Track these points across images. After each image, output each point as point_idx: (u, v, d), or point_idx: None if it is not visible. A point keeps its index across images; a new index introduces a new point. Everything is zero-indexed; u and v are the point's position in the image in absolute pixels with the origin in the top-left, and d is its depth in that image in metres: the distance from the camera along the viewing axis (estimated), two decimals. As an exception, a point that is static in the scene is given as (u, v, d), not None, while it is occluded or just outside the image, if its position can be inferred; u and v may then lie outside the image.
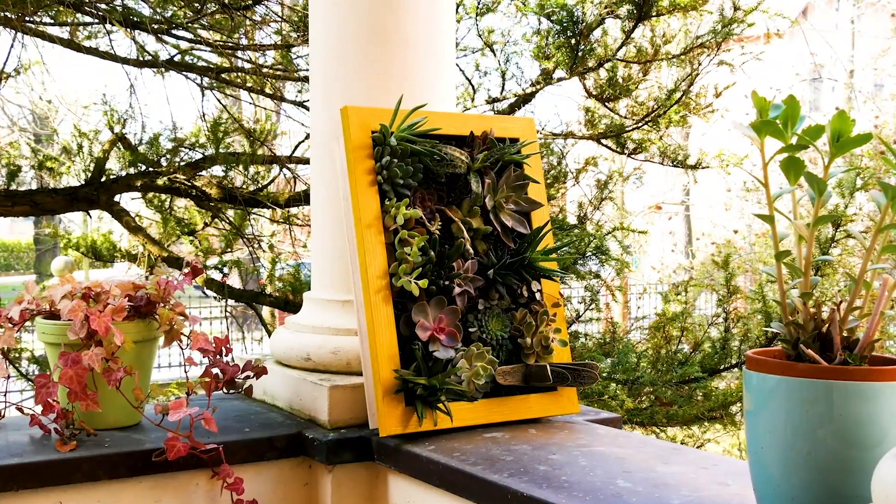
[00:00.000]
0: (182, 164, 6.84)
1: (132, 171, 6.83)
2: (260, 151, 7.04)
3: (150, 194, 7.11)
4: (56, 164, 7.24)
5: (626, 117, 7.23)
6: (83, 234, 7.82)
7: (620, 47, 6.76)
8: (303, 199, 6.83)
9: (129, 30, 6.31)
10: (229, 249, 7.42)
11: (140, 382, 2.46)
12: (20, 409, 2.54)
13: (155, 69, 6.77)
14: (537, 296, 2.62)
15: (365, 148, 2.50)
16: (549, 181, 6.86)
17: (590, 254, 6.78)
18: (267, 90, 7.33)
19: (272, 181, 7.18)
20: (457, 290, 2.51)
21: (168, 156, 6.87)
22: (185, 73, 6.98)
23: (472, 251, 2.57)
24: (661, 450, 2.33)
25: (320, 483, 2.56)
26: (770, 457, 1.63)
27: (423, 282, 2.43)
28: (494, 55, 7.15)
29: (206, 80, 7.10)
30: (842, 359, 1.63)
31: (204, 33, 6.83)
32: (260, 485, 2.53)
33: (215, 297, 7.30)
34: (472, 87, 7.18)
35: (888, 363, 1.63)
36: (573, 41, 6.60)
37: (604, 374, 6.26)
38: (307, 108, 6.46)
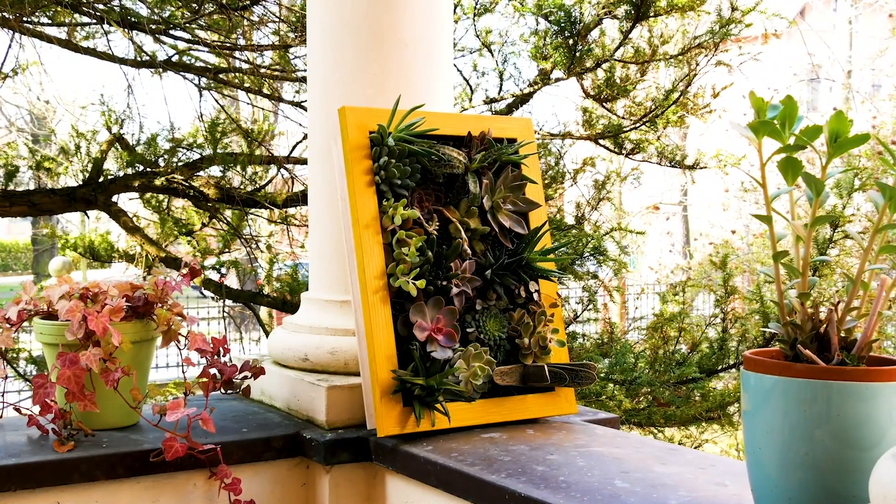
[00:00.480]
0: (180, 164, 6.84)
1: (130, 171, 6.83)
2: (258, 152, 7.04)
3: (148, 194, 7.11)
4: (54, 165, 7.24)
5: (623, 117, 7.23)
6: (81, 234, 7.82)
7: (618, 48, 6.76)
8: (300, 199, 6.83)
9: (126, 30, 6.30)
10: (227, 250, 7.42)
11: (138, 383, 2.46)
12: (18, 410, 2.54)
13: (153, 69, 6.77)
14: (535, 296, 2.62)
15: (362, 148, 2.50)
16: (546, 181, 6.86)
17: (587, 254, 6.79)
18: (265, 90, 7.33)
19: (270, 181, 7.19)
20: (454, 290, 2.51)
21: (166, 156, 6.87)
22: (182, 73, 6.98)
23: (469, 251, 2.57)
24: (658, 450, 2.33)
25: (318, 483, 2.56)
26: (768, 457, 1.63)
27: (421, 282, 2.43)
28: (492, 55, 7.16)
29: (203, 80, 7.10)
30: (839, 359, 1.63)
31: (202, 34, 6.82)
32: (258, 485, 2.53)
33: (213, 298, 7.30)
34: (470, 87, 7.19)
35: (886, 363, 1.63)
36: (571, 41, 6.60)
37: (601, 375, 6.27)
38: (305, 109, 6.45)
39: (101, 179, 6.80)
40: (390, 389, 2.38)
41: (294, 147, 7.29)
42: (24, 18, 6.19)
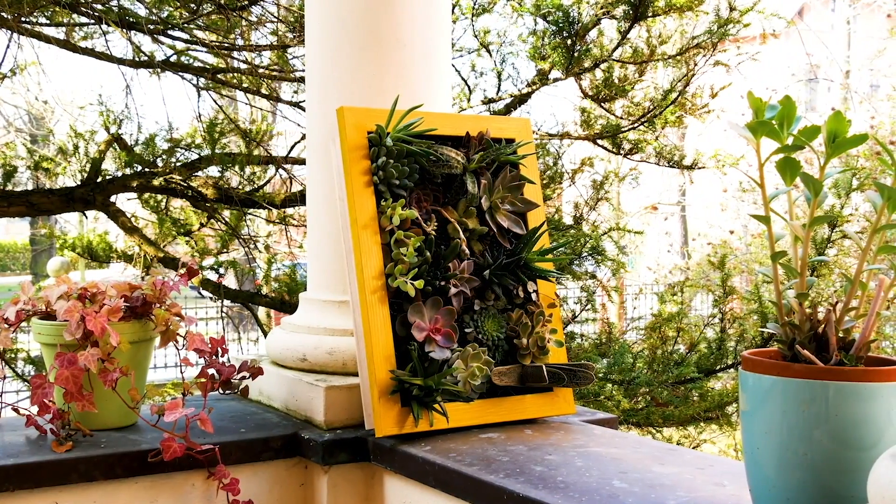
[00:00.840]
0: (178, 164, 6.83)
1: (128, 171, 6.82)
2: (256, 152, 7.03)
3: (146, 195, 7.10)
4: (52, 165, 7.23)
5: (622, 118, 7.24)
6: (79, 234, 7.81)
7: (616, 48, 6.77)
8: (299, 199, 6.83)
9: (125, 30, 6.30)
10: (225, 250, 7.42)
11: (136, 383, 2.46)
12: (16, 410, 2.54)
13: (151, 70, 6.76)
14: (533, 296, 2.62)
15: (361, 148, 2.50)
16: (545, 182, 6.86)
17: (586, 254, 6.79)
18: (263, 91, 7.32)
19: (268, 182, 7.18)
20: (453, 290, 2.51)
21: (164, 156, 6.86)
22: (181, 73, 6.97)
23: (468, 252, 2.57)
24: (657, 450, 2.33)
25: (316, 483, 2.56)
26: (766, 457, 1.63)
27: (419, 282, 2.43)
28: (490, 56, 7.16)
29: (202, 80, 7.09)
30: (838, 359, 1.63)
31: (200, 34, 6.82)
32: (256, 485, 2.53)
33: (211, 298, 7.29)
34: (468, 87, 7.19)
35: (884, 363, 1.63)
36: (569, 42, 6.60)
37: (600, 375, 6.27)
38: (303, 109, 6.45)
39: (99, 179, 6.79)
40: (388, 390, 2.38)
41: (292, 147, 7.28)
42: (23, 18, 6.18)
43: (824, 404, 1.57)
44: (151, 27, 6.42)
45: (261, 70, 7.08)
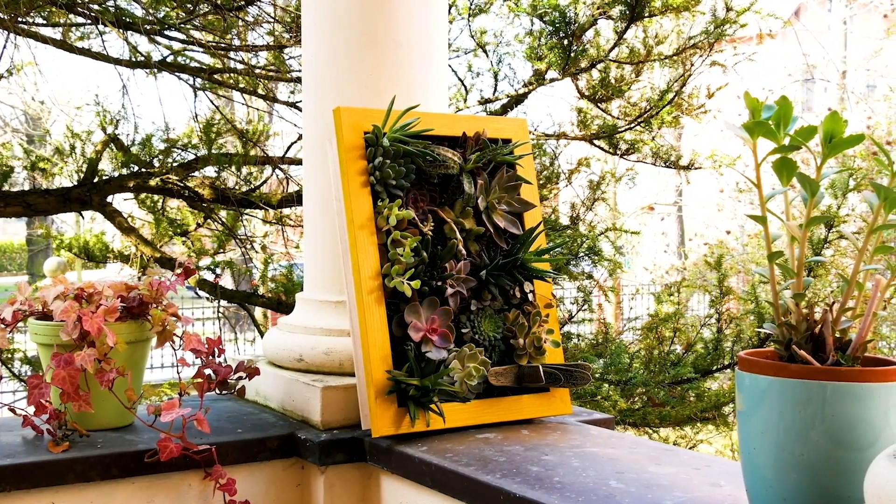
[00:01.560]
0: (174, 164, 6.82)
1: (125, 171, 6.81)
2: (252, 152, 7.03)
3: (143, 195, 7.09)
4: (48, 165, 7.22)
5: (618, 118, 7.24)
6: (76, 234, 7.80)
7: (613, 48, 6.77)
8: (295, 199, 6.82)
9: (121, 31, 6.29)
10: (222, 250, 7.41)
11: (132, 383, 2.46)
12: (13, 410, 2.54)
13: (147, 70, 6.76)
14: (530, 297, 2.62)
15: (357, 149, 2.50)
16: (541, 182, 6.86)
17: (582, 254, 6.79)
18: (259, 91, 7.32)
19: (265, 182, 7.17)
20: (449, 290, 2.51)
21: (160, 156, 6.85)
22: (177, 73, 6.97)
23: (464, 252, 2.57)
24: (653, 451, 2.33)
25: (313, 484, 2.56)
26: (762, 458, 1.63)
27: (416, 283, 2.43)
28: (487, 56, 7.16)
29: (198, 80, 7.09)
30: (834, 360, 1.63)
31: (196, 34, 6.82)
32: (252, 485, 2.53)
33: (208, 298, 7.28)
34: (465, 87, 7.19)
35: (881, 364, 1.63)
36: (565, 42, 6.60)
37: (596, 375, 6.26)
38: (300, 109, 6.43)
39: (95, 180, 6.78)
40: (385, 390, 2.38)
41: (289, 147, 7.28)
42: (19, 19, 6.18)
43: (821, 405, 1.57)
44: (148, 27, 6.41)
45: (257, 70, 7.08)
